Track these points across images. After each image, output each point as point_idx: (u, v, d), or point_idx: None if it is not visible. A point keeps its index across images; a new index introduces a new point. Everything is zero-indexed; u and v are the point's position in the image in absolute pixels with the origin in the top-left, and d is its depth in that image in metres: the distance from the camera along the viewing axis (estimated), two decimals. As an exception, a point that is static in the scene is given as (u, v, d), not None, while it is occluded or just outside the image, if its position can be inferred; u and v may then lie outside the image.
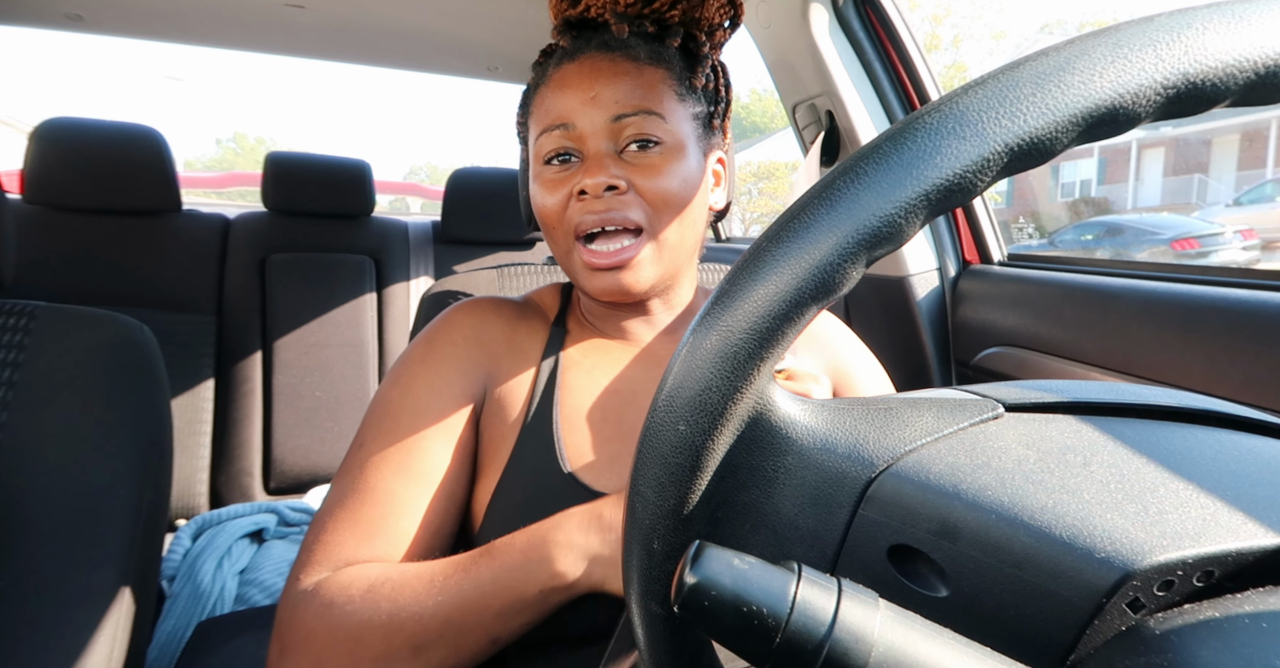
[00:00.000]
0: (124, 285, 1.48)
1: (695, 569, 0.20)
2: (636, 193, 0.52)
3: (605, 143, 0.51)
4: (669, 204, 0.52)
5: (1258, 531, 0.20)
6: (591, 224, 0.51)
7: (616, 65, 0.52)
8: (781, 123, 24.23)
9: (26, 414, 0.57)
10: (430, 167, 49.35)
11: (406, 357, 0.57)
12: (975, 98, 0.21)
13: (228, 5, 1.37)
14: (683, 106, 0.54)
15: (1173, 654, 0.18)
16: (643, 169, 0.51)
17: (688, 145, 0.53)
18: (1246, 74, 0.20)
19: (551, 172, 0.53)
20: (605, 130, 0.51)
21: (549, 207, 0.53)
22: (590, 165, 0.51)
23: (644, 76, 0.52)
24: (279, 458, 1.53)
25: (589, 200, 0.51)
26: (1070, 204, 15.96)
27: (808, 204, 0.22)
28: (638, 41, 0.54)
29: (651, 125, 0.51)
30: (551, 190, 0.53)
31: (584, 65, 0.52)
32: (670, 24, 0.56)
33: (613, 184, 0.50)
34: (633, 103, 0.51)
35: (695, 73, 0.56)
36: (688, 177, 0.53)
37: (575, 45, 0.54)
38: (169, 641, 0.99)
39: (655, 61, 0.54)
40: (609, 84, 0.51)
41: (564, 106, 0.52)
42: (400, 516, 0.50)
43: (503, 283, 0.87)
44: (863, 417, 0.25)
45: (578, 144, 0.52)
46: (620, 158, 0.52)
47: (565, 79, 0.52)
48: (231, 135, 44.53)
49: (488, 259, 1.80)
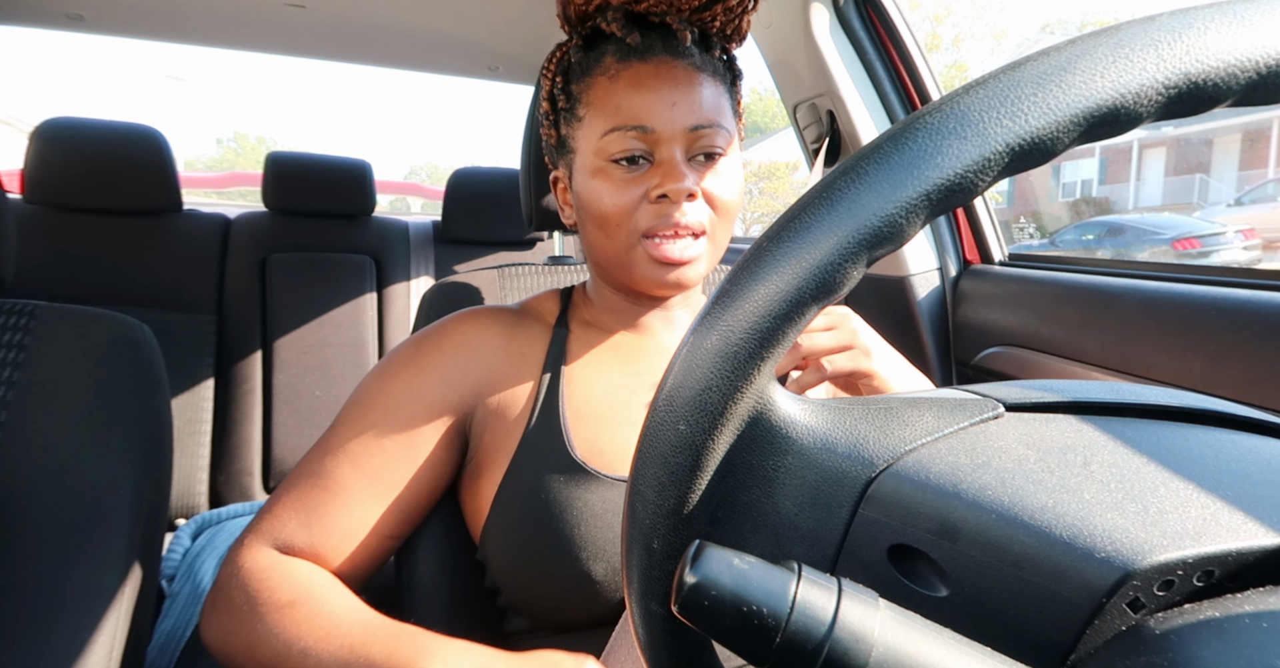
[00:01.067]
0: (124, 285, 1.48)
1: (695, 569, 0.20)
2: (705, 200, 0.54)
3: (678, 150, 0.53)
4: (730, 212, 0.55)
5: (1258, 530, 0.20)
6: (665, 228, 0.53)
7: (690, 74, 0.53)
8: (782, 122, 24.24)
9: (26, 414, 0.57)
10: (431, 166, 49.35)
11: (394, 355, 0.58)
12: (976, 97, 0.21)
13: (228, 5, 1.37)
14: (733, 121, 0.57)
15: (1173, 654, 0.18)
16: (711, 176, 0.54)
17: (737, 158, 0.57)
18: (1248, 74, 0.20)
19: (619, 171, 0.53)
20: (682, 137, 0.52)
21: (617, 205, 0.53)
22: (671, 171, 0.52)
23: (710, 88, 0.54)
24: (279, 458, 1.53)
25: (666, 204, 0.52)
26: (1071, 204, 15.95)
27: (808, 204, 0.22)
28: (693, 50, 0.55)
29: (721, 138, 0.54)
30: (621, 190, 0.53)
31: (659, 69, 0.53)
32: (710, 33, 0.57)
33: (693, 190, 0.52)
34: (708, 116, 0.53)
35: (736, 86, 0.58)
36: (740, 187, 0.56)
37: (643, 44, 0.54)
38: (168, 640, 0.99)
39: (714, 74, 0.55)
40: (688, 92, 0.53)
41: (641, 108, 0.52)
42: (344, 508, 0.52)
43: (503, 283, 0.87)
44: (863, 416, 0.25)
45: (652, 147, 0.53)
46: (690, 164, 0.54)
47: (640, 79, 0.53)
48: (232, 135, 44.56)
49: (488, 259, 1.80)
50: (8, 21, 1.45)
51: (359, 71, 57.06)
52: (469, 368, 0.57)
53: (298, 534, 0.51)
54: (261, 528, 0.52)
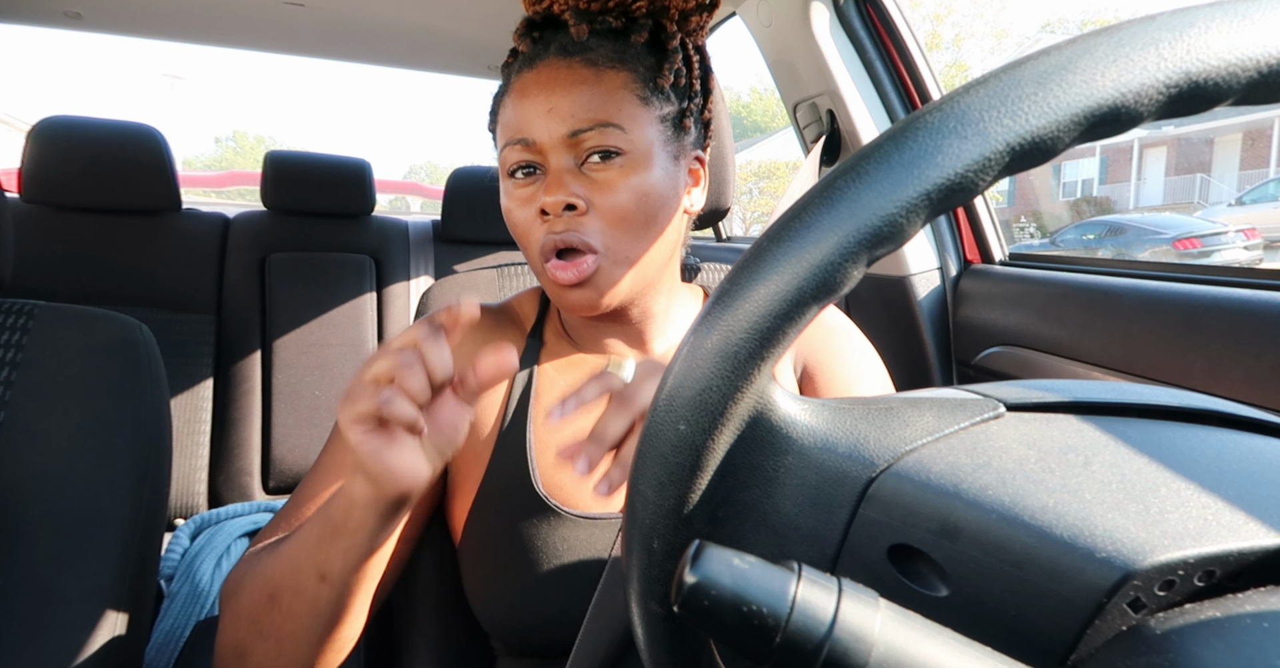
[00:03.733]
0: (123, 285, 1.48)
1: (695, 569, 0.20)
2: (595, 212, 0.50)
3: (565, 157, 0.50)
4: (627, 222, 0.50)
5: (1259, 530, 0.20)
6: (553, 245, 0.50)
7: (574, 73, 0.50)
8: (782, 122, 24.22)
9: (25, 413, 0.57)
10: (430, 166, 49.34)
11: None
12: (977, 97, 0.21)
13: (227, 3, 1.37)
14: (647, 111, 0.51)
15: (1174, 654, 0.18)
16: (601, 185, 0.49)
17: (653, 153, 0.51)
18: (1249, 73, 0.20)
19: (516, 185, 0.52)
20: (563, 144, 0.49)
21: (519, 223, 0.52)
22: (550, 182, 0.49)
23: (603, 83, 0.50)
24: (278, 458, 1.53)
25: (551, 220, 0.50)
26: (1072, 203, 15.96)
27: (809, 203, 0.22)
28: (599, 42, 0.51)
29: (611, 137, 0.49)
30: (519, 205, 0.51)
31: (541, 74, 0.50)
32: (636, 17, 0.52)
33: (571, 203, 0.49)
34: (589, 116, 0.49)
35: (662, 70, 0.52)
36: (650, 189, 0.50)
37: (534, 50, 0.52)
38: (167, 640, 0.99)
39: (617, 63, 0.51)
40: (565, 95, 0.49)
41: (521, 119, 0.50)
42: None
43: (503, 282, 0.87)
44: (863, 416, 0.25)
45: (538, 158, 0.50)
46: (581, 172, 0.50)
47: (523, 89, 0.50)
48: (231, 134, 44.50)
49: (488, 259, 1.80)
50: (6, 19, 1.44)
51: (358, 70, 56.98)
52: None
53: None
54: (254, 546, 0.51)
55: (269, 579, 0.44)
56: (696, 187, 0.57)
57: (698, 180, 0.57)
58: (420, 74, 2.31)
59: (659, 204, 0.51)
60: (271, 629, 0.44)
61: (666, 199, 0.52)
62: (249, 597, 0.45)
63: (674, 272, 0.59)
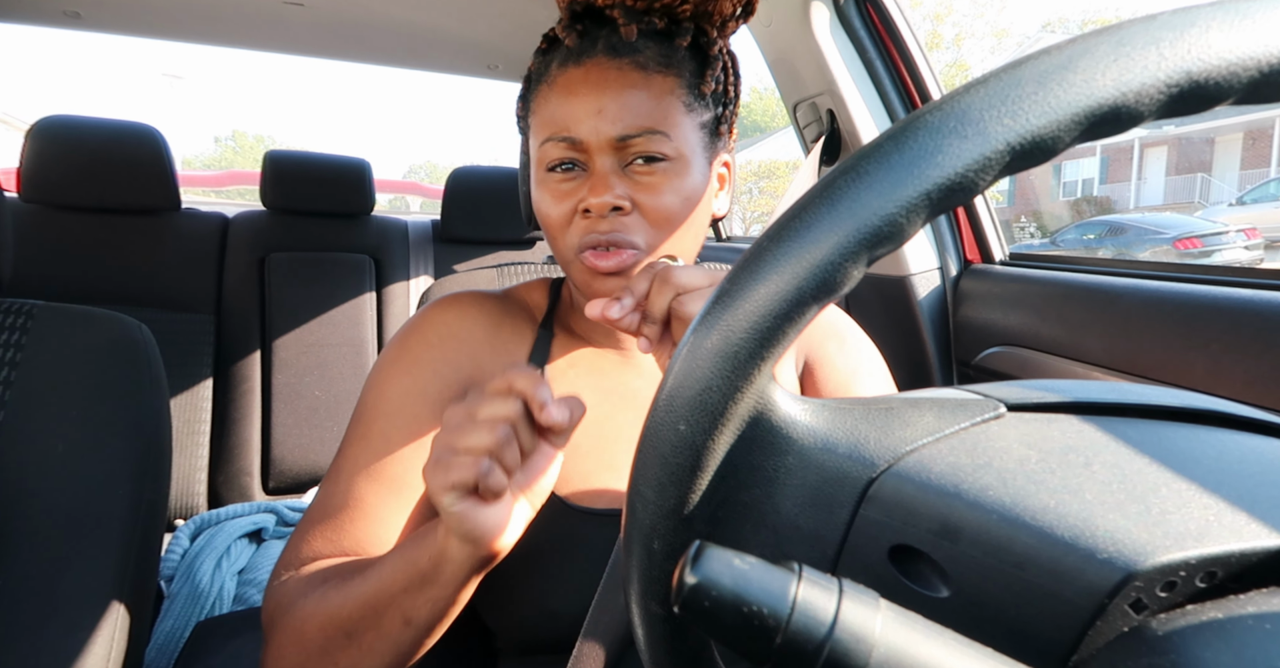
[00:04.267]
0: (122, 284, 1.48)
1: (695, 569, 0.20)
2: (640, 212, 0.51)
3: (610, 159, 0.50)
4: (671, 223, 0.52)
5: (1261, 531, 0.20)
6: (595, 243, 0.50)
7: (624, 75, 0.50)
8: (782, 121, 24.23)
9: (24, 413, 0.57)
10: (430, 165, 49.34)
11: (383, 357, 0.57)
12: (977, 96, 0.21)
13: (226, 3, 1.36)
14: (690, 118, 0.52)
15: (1175, 655, 0.18)
16: (646, 187, 0.50)
17: (693, 159, 0.52)
18: (1250, 72, 0.20)
19: (555, 180, 0.52)
20: (610, 146, 0.50)
21: (554, 216, 0.52)
22: (596, 184, 0.50)
23: (652, 88, 0.50)
24: (278, 458, 1.53)
25: (593, 219, 0.50)
26: (1072, 203, 15.96)
27: (809, 203, 0.22)
28: (645, 43, 0.51)
29: (657, 144, 0.50)
30: (557, 200, 0.52)
31: (590, 73, 0.50)
32: (681, 18, 0.53)
33: (618, 204, 0.49)
34: (639, 122, 0.49)
35: (705, 78, 0.53)
36: (691, 193, 0.52)
37: (580, 46, 0.51)
38: (167, 641, 0.99)
39: (665, 67, 0.51)
40: (616, 97, 0.49)
41: (568, 117, 0.50)
42: (372, 520, 0.50)
43: (503, 282, 0.87)
44: (864, 416, 0.25)
45: (582, 156, 0.51)
46: (625, 173, 0.51)
47: (570, 86, 0.50)
48: (230, 134, 44.48)
49: (487, 258, 1.80)
50: (5, 19, 1.44)
51: (358, 70, 57.02)
52: (459, 362, 0.56)
53: (325, 550, 0.50)
54: (288, 559, 0.50)
55: (345, 618, 0.43)
56: (722, 190, 0.59)
57: (723, 184, 0.59)
58: (420, 74, 2.31)
59: (695, 205, 0.53)
60: (349, 664, 0.44)
61: (702, 203, 0.54)
62: (319, 631, 0.44)
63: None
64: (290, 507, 1.32)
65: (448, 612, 0.43)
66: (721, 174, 0.58)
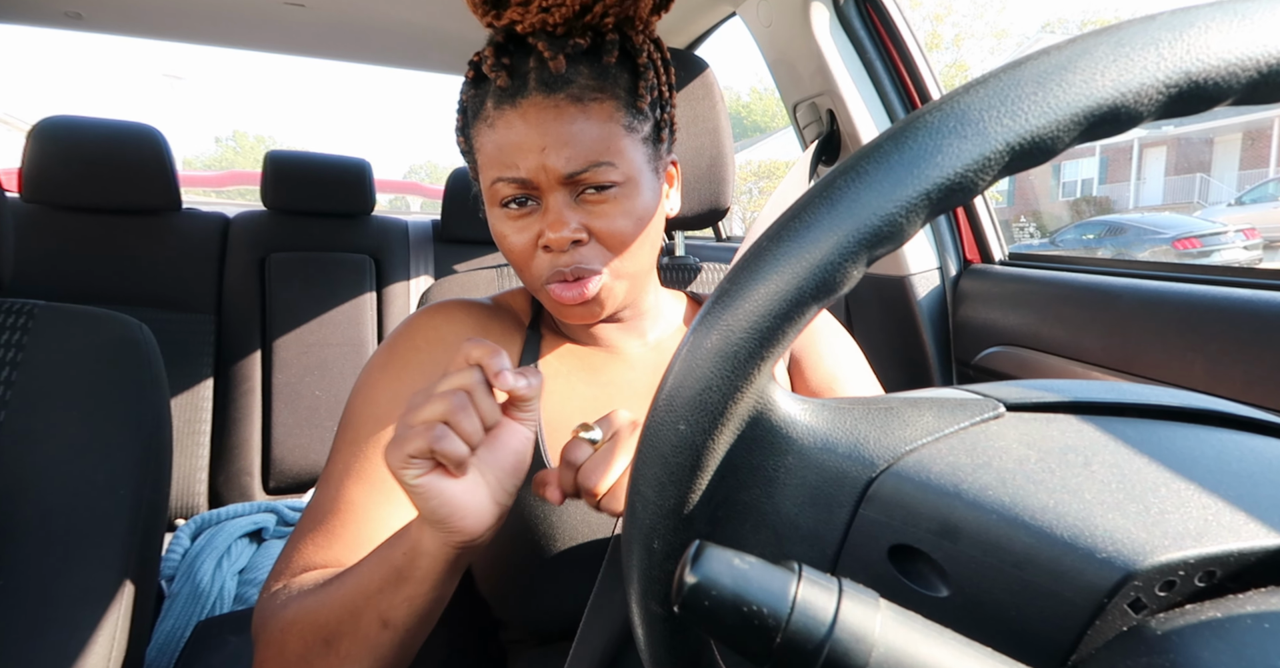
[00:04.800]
0: (123, 284, 1.48)
1: (695, 569, 0.20)
2: (596, 240, 0.51)
3: (561, 193, 0.50)
4: (627, 243, 0.52)
5: (1260, 531, 0.20)
6: (558, 276, 0.51)
7: (560, 111, 0.49)
8: (782, 122, 24.22)
9: (25, 414, 0.57)
10: (430, 165, 49.33)
11: (371, 362, 0.57)
12: (977, 96, 0.21)
13: (227, 3, 1.37)
14: (632, 138, 0.51)
15: (1174, 655, 0.18)
16: (599, 214, 0.50)
17: (641, 177, 0.52)
18: (1249, 73, 0.20)
19: (511, 215, 0.52)
20: (559, 183, 0.49)
21: (517, 249, 0.52)
22: (552, 221, 0.49)
23: (591, 118, 0.49)
24: (278, 457, 1.53)
25: (554, 254, 0.50)
26: (1072, 203, 15.96)
27: (808, 203, 0.22)
28: (575, 70, 0.50)
29: (605, 173, 0.49)
30: (516, 233, 0.52)
31: (527, 113, 0.49)
32: (605, 31, 0.51)
33: (575, 238, 0.50)
34: (584, 158, 0.49)
35: (639, 91, 0.52)
36: (643, 212, 0.52)
37: (512, 84, 0.49)
38: (168, 640, 0.99)
39: (599, 93, 0.50)
40: (556, 135, 0.48)
41: (513, 156, 0.49)
42: (361, 522, 0.50)
43: (502, 283, 0.87)
44: (863, 416, 0.25)
45: (534, 193, 0.51)
46: (577, 204, 0.51)
47: (509, 126, 0.49)
48: (231, 134, 44.49)
49: (487, 258, 1.80)
50: (6, 20, 1.44)
51: (358, 70, 56.98)
52: (445, 362, 0.56)
53: (316, 557, 0.49)
54: (279, 569, 0.50)
55: (323, 624, 0.43)
56: (671, 188, 0.59)
57: (671, 182, 0.59)
58: (420, 74, 2.29)
59: (651, 223, 0.53)
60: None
61: (655, 216, 0.54)
62: (299, 640, 0.43)
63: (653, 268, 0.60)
64: (290, 507, 1.32)
65: (426, 613, 0.42)
66: (670, 172, 0.58)
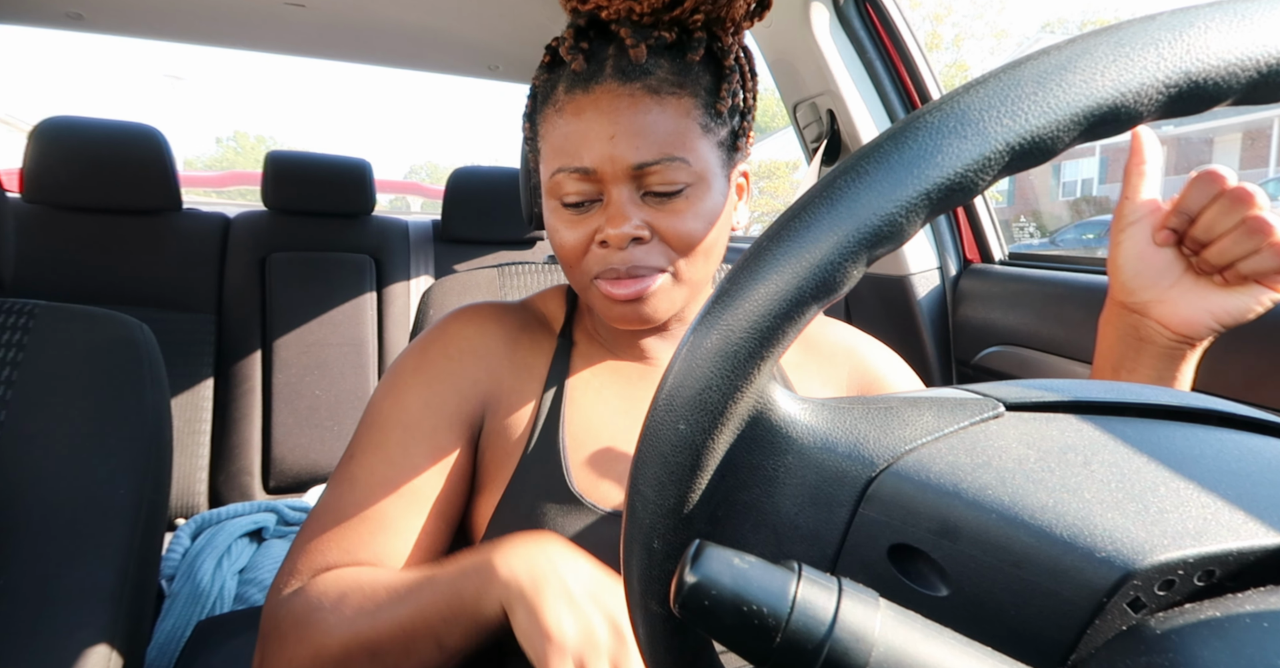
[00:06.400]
0: (124, 284, 1.48)
1: (695, 569, 0.20)
2: (660, 238, 0.49)
3: (626, 188, 0.48)
4: (693, 247, 0.50)
5: (1259, 530, 0.20)
6: (611, 273, 0.49)
7: (636, 101, 0.47)
8: (782, 121, 24.23)
9: (26, 413, 0.57)
10: (431, 165, 49.37)
11: (401, 365, 0.56)
12: (976, 97, 0.21)
13: (228, 4, 1.37)
14: (707, 139, 0.49)
15: (1174, 654, 0.18)
16: (666, 214, 0.48)
17: (713, 181, 0.50)
18: (1249, 73, 0.20)
19: (569, 213, 0.50)
20: (626, 175, 0.47)
21: (569, 246, 0.50)
22: (613, 214, 0.48)
23: (667, 111, 0.47)
24: (278, 457, 1.53)
25: (610, 250, 0.48)
26: (1071, 203, 15.95)
27: (808, 203, 0.22)
28: (656, 63, 0.48)
29: (675, 171, 0.47)
30: (571, 229, 0.50)
31: (600, 99, 0.47)
32: (693, 29, 0.50)
33: (637, 235, 0.48)
34: (655, 150, 0.47)
35: (721, 94, 0.50)
36: (712, 215, 0.50)
37: (588, 69, 0.48)
38: (168, 640, 0.99)
39: (679, 88, 0.48)
40: (629, 124, 0.47)
41: (579, 146, 0.48)
42: (389, 534, 0.49)
43: (503, 282, 0.87)
44: (863, 416, 0.25)
45: (596, 186, 0.49)
46: (642, 201, 0.49)
47: (579, 112, 0.48)
48: (232, 134, 44.55)
49: (488, 258, 1.80)
50: (7, 20, 1.44)
51: (359, 71, 57.06)
52: (478, 377, 0.55)
53: (338, 559, 0.48)
54: (298, 567, 0.48)
55: (374, 640, 0.42)
56: (740, 200, 0.57)
57: (741, 195, 0.57)
58: (420, 74, 2.30)
59: (719, 229, 0.51)
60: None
61: (724, 223, 0.52)
62: (342, 648, 0.43)
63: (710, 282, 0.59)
64: (291, 506, 1.32)
65: (484, 639, 0.42)
66: (740, 184, 0.56)
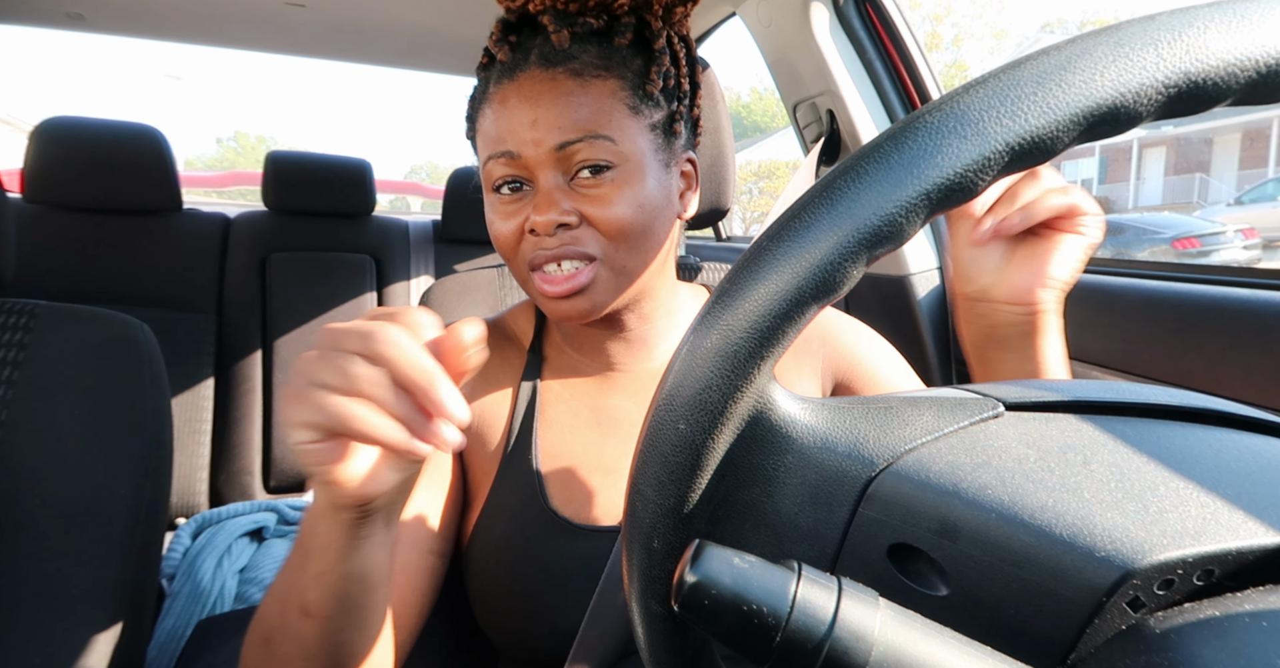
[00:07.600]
0: (124, 284, 1.48)
1: (695, 568, 0.20)
2: (589, 224, 0.48)
3: (553, 173, 0.48)
4: (624, 233, 0.49)
5: (1258, 529, 0.20)
6: (544, 260, 0.49)
7: (557, 84, 0.47)
8: (782, 122, 24.23)
9: (27, 413, 0.57)
10: (431, 166, 49.38)
11: None
12: (976, 97, 0.21)
13: (228, 4, 1.37)
14: (637, 120, 0.49)
15: (1173, 653, 0.18)
16: (594, 199, 0.48)
17: (646, 164, 0.49)
18: (1248, 73, 0.20)
19: (502, 200, 0.50)
20: (551, 159, 0.47)
21: (503, 236, 0.50)
22: (540, 201, 0.47)
23: (589, 93, 0.47)
24: (279, 457, 1.53)
25: (541, 238, 0.48)
26: (1071, 203, 15.91)
27: (809, 203, 0.22)
28: (582, 48, 0.48)
29: (600, 150, 0.47)
30: (504, 219, 0.50)
31: (522, 86, 0.47)
32: (619, 14, 0.49)
33: (563, 222, 0.47)
34: (577, 127, 0.46)
35: (650, 75, 0.49)
36: (645, 200, 0.49)
37: (513, 59, 0.49)
38: (169, 639, 0.99)
39: (603, 70, 0.48)
40: (550, 107, 0.47)
41: (505, 131, 0.48)
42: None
43: (503, 282, 0.87)
44: (863, 415, 0.25)
45: (525, 173, 0.49)
46: (571, 187, 0.48)
47: (505, 101, 0.48)
48: (232, 134, 44.56)
49: (488, 258, 1.80)
50: (8, 21, 1.45)
51: (359, 71, 57.10)
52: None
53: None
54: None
55: (261, 620, 0.40)
56: (689, 190, 0.56)
57: (690, 184, 0.55)
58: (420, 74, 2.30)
59: (654, 215, 0.50)
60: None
61: (661, 209, 0.51)
62: (250, 646, 0.40)
63: (669, 275, 0.57)
64: (291, 505, 1.32)
65: (340, 595, 0.37)
66: (687, 171, 0.55)
